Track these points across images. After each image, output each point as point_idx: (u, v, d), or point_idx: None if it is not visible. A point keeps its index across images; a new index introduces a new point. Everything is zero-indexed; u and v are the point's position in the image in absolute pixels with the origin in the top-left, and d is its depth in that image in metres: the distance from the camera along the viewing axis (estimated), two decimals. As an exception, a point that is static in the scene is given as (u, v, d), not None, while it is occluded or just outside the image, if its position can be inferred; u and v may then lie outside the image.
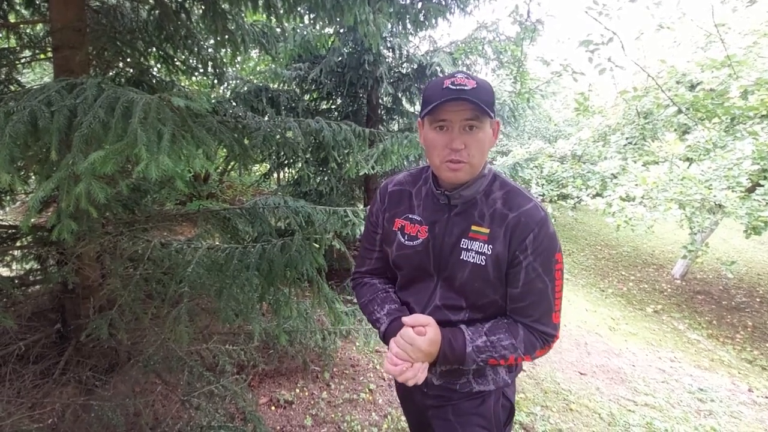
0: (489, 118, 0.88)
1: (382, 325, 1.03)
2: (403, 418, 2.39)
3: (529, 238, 0.90)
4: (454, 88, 0.85)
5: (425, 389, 1.11)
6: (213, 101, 2.27)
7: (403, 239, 1.03)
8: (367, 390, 2.72)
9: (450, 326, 0.98)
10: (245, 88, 3.94)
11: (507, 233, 0.92)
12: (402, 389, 1.27)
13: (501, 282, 0.95)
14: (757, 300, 6.44)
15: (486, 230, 0.94)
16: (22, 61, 2.31)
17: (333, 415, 2.43)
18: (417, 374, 0.91)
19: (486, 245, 0.93)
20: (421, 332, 0.92)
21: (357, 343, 3.24)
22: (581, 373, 3.46)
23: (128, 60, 2.46)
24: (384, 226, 1.09)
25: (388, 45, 4.32)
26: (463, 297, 0.97)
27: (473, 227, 0.95)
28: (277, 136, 2.13)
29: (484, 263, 0.93)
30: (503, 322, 0.97)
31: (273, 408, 2.44)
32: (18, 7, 2.29)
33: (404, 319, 0.96)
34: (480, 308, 0.98)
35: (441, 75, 4.48)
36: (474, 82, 0.86)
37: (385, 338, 1.02)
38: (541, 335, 0.95)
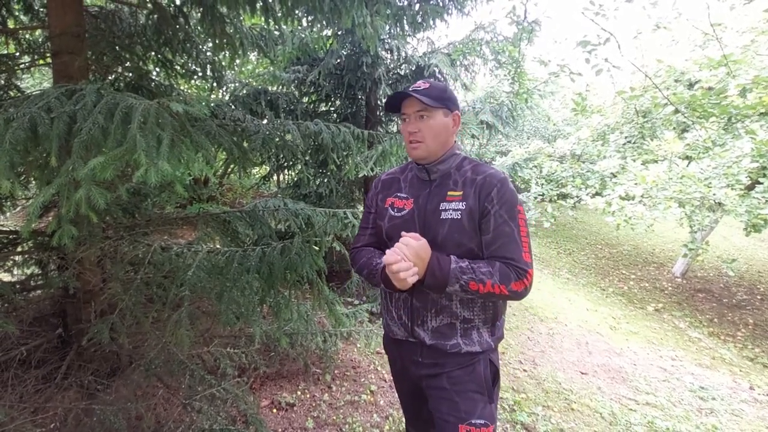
0: (436, 108, 1.18)
1: (381, 264, 1.19)
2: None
3: (493, 191, 1.14)
4: (410, 90, 1.17)
5: (420, 358, 1.25)
6: (212, 105, 2.28)
7: (393, 212, 1.27)
8: (369, 391, 2.72)
9: None
10: (244, 91, 3.94)
11: (476, 190, 1.15)
12: (397, 368, 1.39)
13: (475, 232, 1.15)
14: (758, 297, 6.44)
15: (459, 192, 1.18)
16: (22, 66, 2.32)
17: (334, 417, 2.43)
18: (409, 270, 1.06)
19: (460, 203, 1.16)
20: (416, 238, 1.11)
21: (358, 345, 3.25)
22: (582, 373, 3.46)
23: (127, 64, 2.46)
24: (378, 206, 1.33)
25: (386, 47, 4.33)
26: (445, 250, 1.15)
27: (449, 192, 1.19)
28: (276, 139, 2.14)
29: (459, 217, 1.14)
30: (483, 259, 1.15)
31: (274, 411, 2.44)
32: (17, 13, 2.30)
33: (403, 232, 1.14)
34: (458, 256, 1.14)
35: (439, 76, 4.50)
36: (428, 84, 1.18)
37: (383, 272, 1.18)
38: (515, 268, 1.10)
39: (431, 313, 1.20)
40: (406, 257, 1.07)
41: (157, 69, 2.79)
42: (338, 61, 4.33)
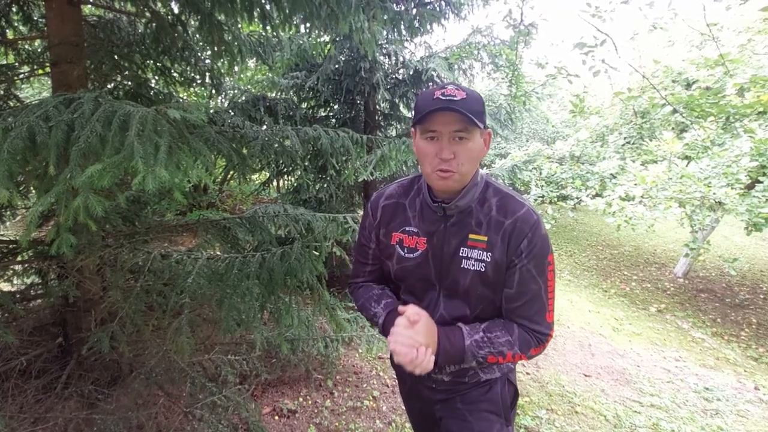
0: (478, 128, 0.89)
1: (380, 318, 1.07)
2: (408, 424, 2.38)
3: (523, 243, 0.94)
4: (444, 98, 0.85)
5: (434, 385, 1.14)
6: (210, 111, 2.29)
7: (402, 252, 1.04)
8: (371, 397, 2.70)
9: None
10: (243, 98, 3.96)
11: (505, 239, 0.95)
12: (407, 386, 1.28)
13: (501, 285, 0.99)
14: (761, 297, 6.41)
15: (484, 238, 0.96)
16: (21, 76, 2.33)
17: (337, 424, 2.42)
18: (423, 360, 0.90)
19: (485, 253, 0.96)
20: (417, 316, 0.95)
21: (359, 350, 3.23)
22: (586, 375, 3.44)
23: (126, 73, 2.47)
24: (380, 241, 1.09)
25: (384, 51, 4.35)
26: (467, 302, 1.01)
27: (471, 236, 0.97)
28: (276, 145, 2.14)
29: (484, 269, 0.96)
30: (499, 321, 1.01)
31: (276, 417, 2.43)
32: (16, 24, 2.31)
33: (400, 308, 0.99)
34: (482, 310, 1.02)
35: (437, 80, 4.51)
36: (464, 93, 0.86)
37: (384, 329, 1.05)
38: (536, 334, 0.98)
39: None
40: (415, 344, 0.91)
41: (156, 77, 2.80)
42: (336, 66, 4.34)
